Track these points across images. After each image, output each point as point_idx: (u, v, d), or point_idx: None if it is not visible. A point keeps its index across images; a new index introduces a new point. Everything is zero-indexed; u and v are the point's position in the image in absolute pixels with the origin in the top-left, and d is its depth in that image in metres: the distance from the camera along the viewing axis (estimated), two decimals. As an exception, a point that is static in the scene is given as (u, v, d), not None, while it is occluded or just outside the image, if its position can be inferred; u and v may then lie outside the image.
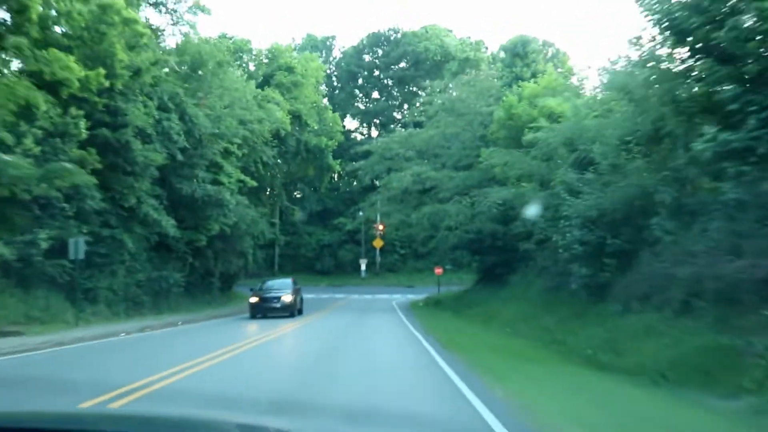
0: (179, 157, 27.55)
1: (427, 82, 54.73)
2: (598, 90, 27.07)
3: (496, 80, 42.53)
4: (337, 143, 49.75)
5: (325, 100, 68.42)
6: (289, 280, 32.16)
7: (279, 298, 28.83)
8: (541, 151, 25.26)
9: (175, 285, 30.46)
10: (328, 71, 76.28)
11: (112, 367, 13.99)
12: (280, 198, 47.82)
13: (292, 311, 28.75)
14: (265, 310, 28.45)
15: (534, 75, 38.61)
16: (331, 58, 79.81)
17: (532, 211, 24.31)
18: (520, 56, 43.54)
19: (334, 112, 74.34)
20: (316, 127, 44.91)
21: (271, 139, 40.43)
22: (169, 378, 10.93)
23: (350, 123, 79.25)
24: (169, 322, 25.27)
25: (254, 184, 33.91)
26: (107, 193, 24.60)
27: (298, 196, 73.15)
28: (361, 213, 70.05)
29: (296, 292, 30.20)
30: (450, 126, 37.54)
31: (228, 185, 31.29)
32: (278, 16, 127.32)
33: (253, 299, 29.30)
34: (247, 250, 42.05)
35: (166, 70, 28.66)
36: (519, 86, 34.28)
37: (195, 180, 28.35)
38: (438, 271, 52.58)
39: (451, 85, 46.46)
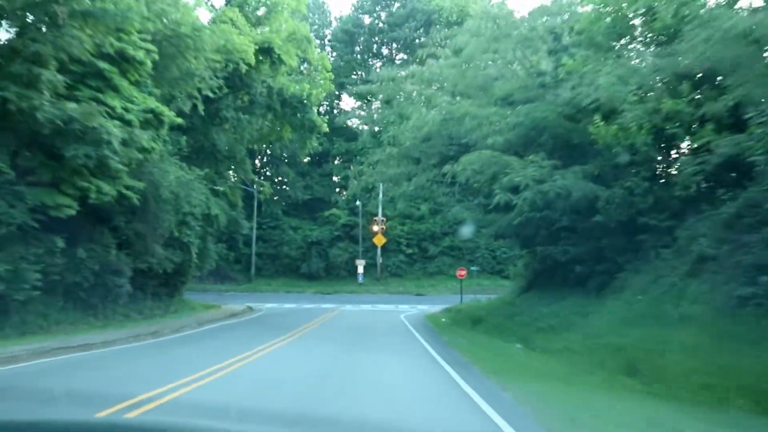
0: None
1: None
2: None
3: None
4: (324, 94, 36.24)
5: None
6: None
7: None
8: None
9: (23, 288, 16.91)
10: (323, 37, 62.99)
11: None
12: (242, 167, 34.30)
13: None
14: None
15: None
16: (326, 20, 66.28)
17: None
18: None
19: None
20: (292, 66, 31.39)
21: (223, 71, 26.98)
22: None
23: (346, 103, 65.92)
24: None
25: (176, 119, 20.38)
26: None
27: (281, 180, 59.61)
28: (358, 203, 56.57)
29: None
30: (492, 45, 23.85)
31: (124, 114, 17.79)
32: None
33: None
34: (190, 238, 28.52)
35: None
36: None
37: (41, 91, 14.80)
38: (461, 273, 39.04)
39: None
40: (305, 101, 32.87)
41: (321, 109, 64.76)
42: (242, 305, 38.27)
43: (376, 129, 62.74)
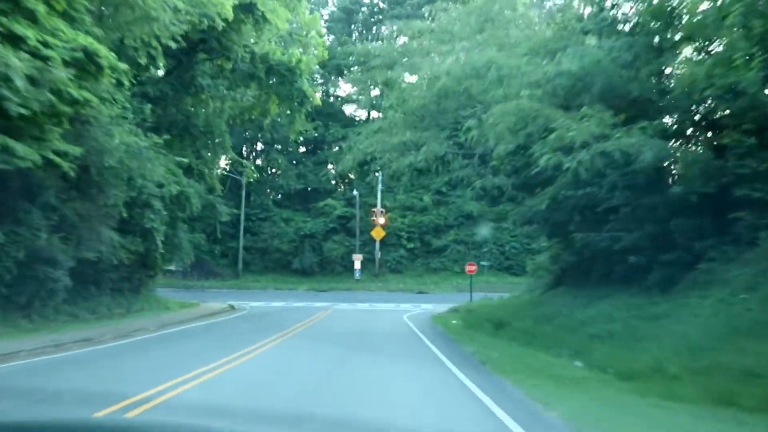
0: None
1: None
2: None
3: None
4: (316, 63, 31.59)
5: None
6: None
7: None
8: None
9: None
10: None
11: None
12: (222, 145, 29.68)
13: None
14: None
15: None
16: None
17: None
18: None
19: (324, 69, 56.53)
20: (280, 27, 26.73)
21: (197, 30, 22.43)
22: None
23: (343, 90, 61.23)
24: None
25: (120, 65, 15.74)
26: None
27: (272, 167, 54.96)
28: (355, 192, 51.94)
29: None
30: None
31: (40, 48, 13.18)
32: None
33: None
34: (154, 224, 23.92)
35: None
36: None
37: None
38: (470, 269, 34.47)
39: None
40: (294, 69, 28.22)
41: (317, 95, 60.23)
42: (223, 304, 33.86)
43: (375, 115, 58.16)
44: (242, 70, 28.65)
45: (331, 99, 59.53)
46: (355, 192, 52.06)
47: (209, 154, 30.15)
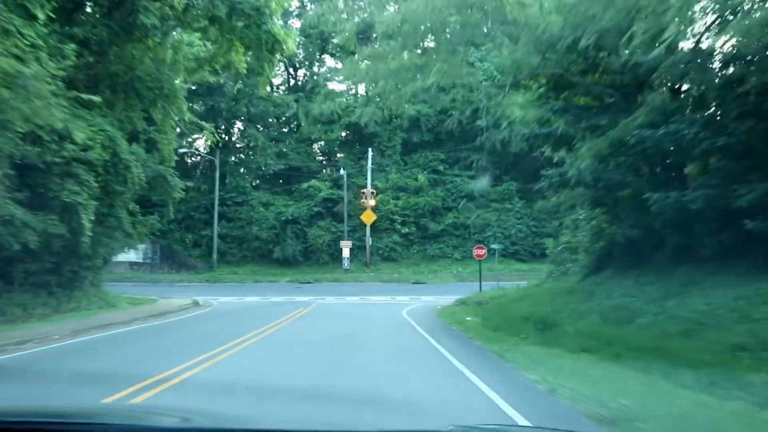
0: None
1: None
2: None
3: None
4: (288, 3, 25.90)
5: None
6: None
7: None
8: None
9: None
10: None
11: None
12: (175, 104, 23.99)
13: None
14: None
15: None
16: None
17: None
18: None
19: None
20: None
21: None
22: None
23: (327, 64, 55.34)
24: None
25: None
26: None
27: (248, 144, 49.21)
28: (342, 171, 46.31)
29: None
30: None
31: None
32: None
33: None
34: (79, 198, 18.27)
35: None
36: None
37: None
38: (479, 253, 29.09)
39: None
40: (262, 8, 22.57)
41: (300, 72, 54.47)
42: (188, 300, 28.50)
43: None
44: (198, 9, 22.97)
45: (315, 77, 53.77)
46: (342, 171, 46.38)
47: (160, 116, 24.42)
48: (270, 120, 48.48)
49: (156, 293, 32.12)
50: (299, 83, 53.58)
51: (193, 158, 50.30)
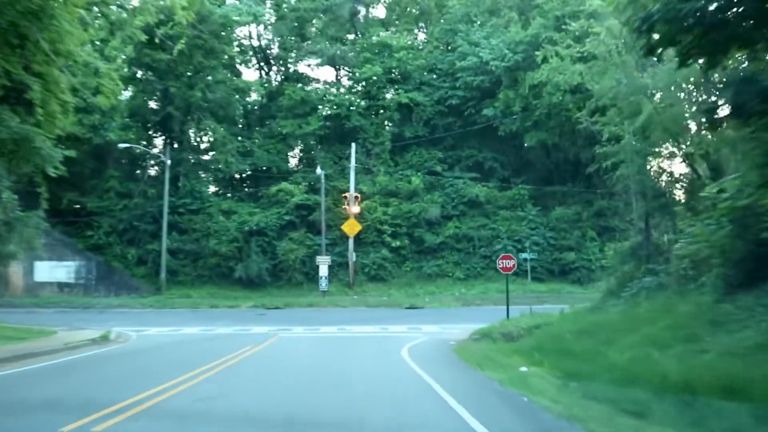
0: None
1: None
2: None
3: None
4: None
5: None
6: None
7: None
8: None
9: None
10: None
11: None
12: (61, 42, 15.61)
13: None
14: None
15: None
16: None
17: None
18: None
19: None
20: None
21: None
22: None
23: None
24: None
25: None
26: None
27: (205, 139, 40.93)
28: (320, 170, 38.19)
29: None
30: None
31: None
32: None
33: None
34: None
35: None
36: None
37: None
38: (506, 265, 20.94)
39: None
40: None
41: (273, 71, 46.45)
42: (100, 332, 20.26)
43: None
44: None
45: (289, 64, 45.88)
46: (319, 170, 38.00)
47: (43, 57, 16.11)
48: (233, 110, 40.11)
49: (71, 322, 24.56)
50: (274, 81, 45.67)
51: (141, 162, 41.87)
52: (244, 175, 42.30)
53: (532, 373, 10.48)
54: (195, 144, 41.87)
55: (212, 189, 42.70)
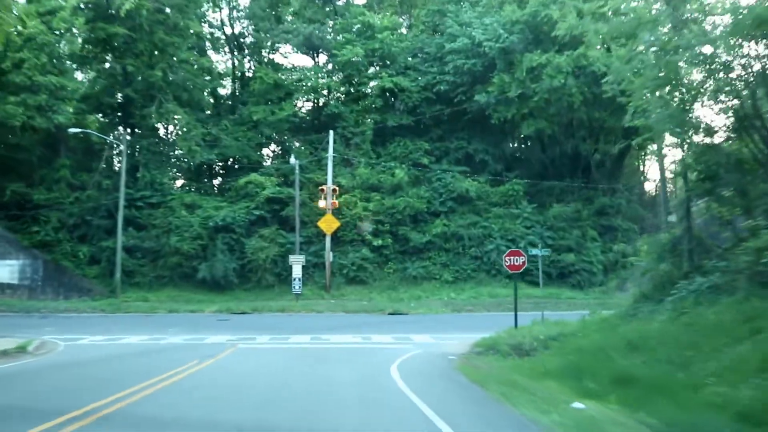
0: None
1: None
2: None
3: None
4: None
5: None
6: None
7: None
8: None
9: None
10: None
11: None
12: None
13: None
14: None
15: None
16: None
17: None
18: None
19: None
20: None
21: None
22: None
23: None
24: None
25: None
26: None
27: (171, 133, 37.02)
28: (294, 160, 34.46)
29: None
30: None
31: None
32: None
33: None
34: None
35: None
36: None
37: None
38: (515, 265, 17.32)
39: None
40: None
41: (246, 61, 42.62)
42: (21, 340, 16.65)
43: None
44: None
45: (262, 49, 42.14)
46: (293, 160, 34.22)
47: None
48: (199, 93, 36.26)
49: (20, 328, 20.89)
50: (247, 69, 41.90)
51: (98, 151, 37.72)
52: (211, 166, 38.37)
53: (600, 415, 6.89)
54: (156, 130, 37.79)
55: (177, 183, 38.71)
